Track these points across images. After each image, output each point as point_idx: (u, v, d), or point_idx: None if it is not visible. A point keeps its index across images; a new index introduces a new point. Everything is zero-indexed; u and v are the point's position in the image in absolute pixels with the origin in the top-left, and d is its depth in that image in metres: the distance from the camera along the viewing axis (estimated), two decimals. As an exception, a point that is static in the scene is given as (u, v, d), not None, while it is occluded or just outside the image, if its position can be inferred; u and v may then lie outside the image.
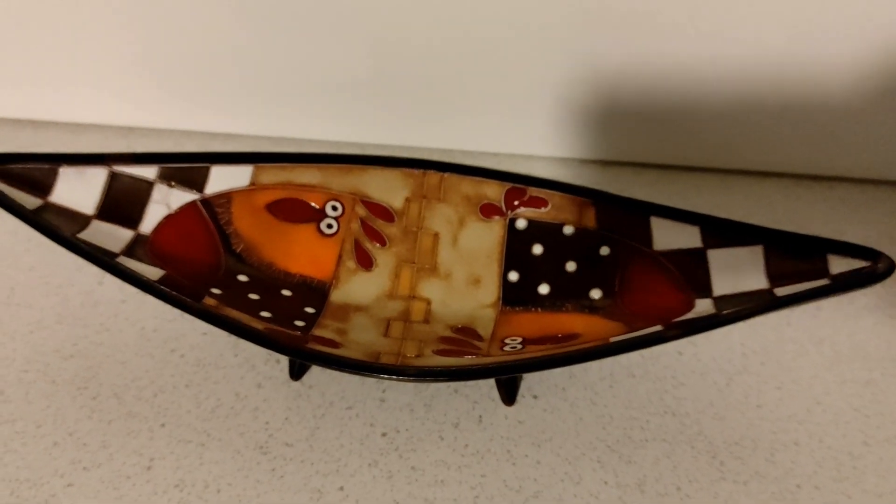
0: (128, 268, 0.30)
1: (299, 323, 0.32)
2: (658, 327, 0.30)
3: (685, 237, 0.33)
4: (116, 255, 0.32)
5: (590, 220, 0.35)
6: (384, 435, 0.32)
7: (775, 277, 0.31)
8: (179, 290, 0.30)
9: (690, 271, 0.33)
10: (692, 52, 0.40)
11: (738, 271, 0.32)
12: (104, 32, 0.42)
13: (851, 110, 0.42)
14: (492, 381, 0.34)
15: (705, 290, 0.32)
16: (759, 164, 0.45)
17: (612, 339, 0.30)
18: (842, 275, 0.30)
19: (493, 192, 0.36)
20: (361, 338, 0.32)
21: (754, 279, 0.32)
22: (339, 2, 0.40)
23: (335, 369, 0.29)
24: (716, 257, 0.33)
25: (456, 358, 0.31)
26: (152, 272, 0.31)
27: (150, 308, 0.36)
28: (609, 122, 0.44)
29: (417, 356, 0.31)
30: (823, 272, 0.30)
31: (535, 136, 0.45)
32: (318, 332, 0.32)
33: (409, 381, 0.31)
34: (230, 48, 0.42)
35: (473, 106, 0.44)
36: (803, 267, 0.31)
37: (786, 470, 0.31)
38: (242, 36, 0.42)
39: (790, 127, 0.43)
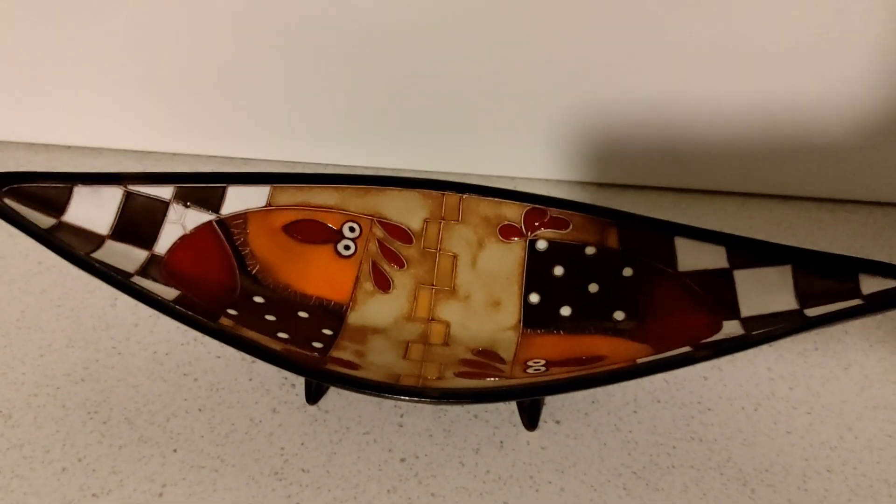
0: (142, 287, 0.30)
1: (317, 344, 0.31)
2: (687, 348, 0.29)
3: (711, 258, 0.33)
4: (131, 274, 0.31)
5: (612, 240, 0.34)
6: (403, 461, 0.31)
7: (805, 298, 0.30)
8: (194, 311, 0.30)
9: (717, 292, 0.32)
10: (703, 86, 0.40)
11: (766, 292, 0.31)
12: (121, 56, 0.42)
13: (869, 134, 0.41)
14: (513, 406, 0.33)
15: (733, 312, 0.31)
16: (779, 188, 0.44)
17: (640, 361, 0.29)
18: (875, 294, 0.29)
19: (513, 213, 0.35)
20: (380, 360, 0.31)
21: (783, 300, 0.31)
22: (356, 30, 0.40)
23: (355, 391, 0.28)
24: (743, 278, 0.32)
25: (479, 380, 0.30)
26: (167, 292, 0.31)
27: (163, 332, 0.35)
28: (626, 147, 0.43)
29: (438, 378, 0.30)
30: (855, 292, 0.30)
31: (551, 161, 0.44)
32: (336, 353, 0.31)
33: (432, 403, 0.30)
34: (248, 74, 0.42)
35: (489, 131, 0.44)
36: (834, 287, 0.30)
37: (819, 498, 0.30)
38: (262, 62, 0.42)
39: (808, 151, 0.42)
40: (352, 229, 0.35)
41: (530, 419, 0.32)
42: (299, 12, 0.40)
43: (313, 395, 0.33)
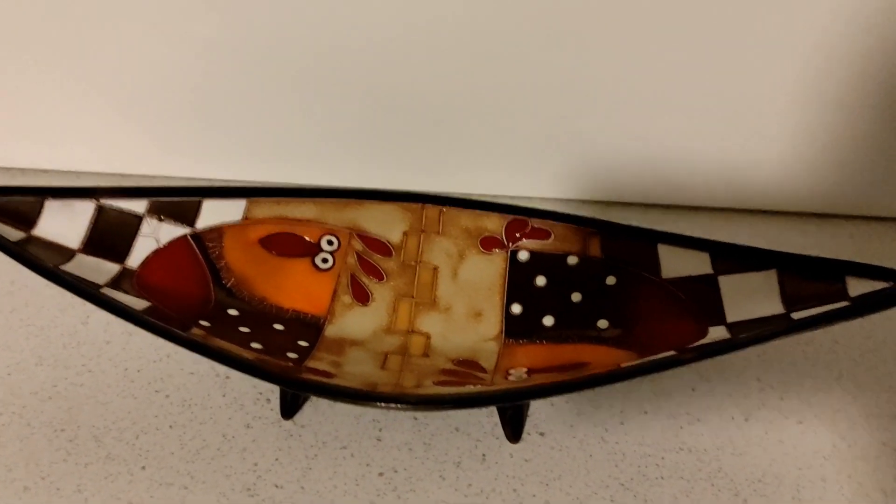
0: (111, 298, 0.29)
1: (292, 355, 0.30)
2: (671, 352, 0.28)
3: (695, 264, 0.32)
4: (100, 286, 0.30)
5: (595, 249, 0.34)
6: (381, 475, 0.29)
7: (792, 301, 0.30)
8: (166, 322, 0.29)
9: (702, 299, 0.31)
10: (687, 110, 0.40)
11: (752, 297, 0.31)
12: (97, 80, 0.42)
13: (858, 147, 0.41)
14: (495, 419, 0.32)
15: (718, 317, 0.31)
16: (765, 203, 0.44)
17: (624, 365, 0.28)
18: (862, 297, 0.28)
19: (494, 224, 0.35)
20: (357, 370, 0.30)
21: (770, 304, 0.30)
22: (335, 55, 0.40)
23: (330, 398, 0.27)
24: (728, 284, 0.32)
25: (458, 387, 0.29)
26: (137, 303, 0.30)
27: (136, 349, 0.34)
28: (609, 164, 0.43)
29: (416, 387, 0.29)
30: (843, 294, 0.29)
31: (533, 178, 0.44)
32: (311, 363, 0.30)
33: (409, 409, 0.29)
34: (225, 95, 0.42)
35: (470, 151, 0.44)
36: (821, 290, 0.29)
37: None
38: (240, 86, 0.42)
39: (795, 165, 0.42)
40: (330, 242, 0.35)
41: (513, 431, 0.31)
42: (274, 36, 0.40)
43: (288, 409, 0.31)
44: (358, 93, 0.41)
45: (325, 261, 0.35)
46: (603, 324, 0.32)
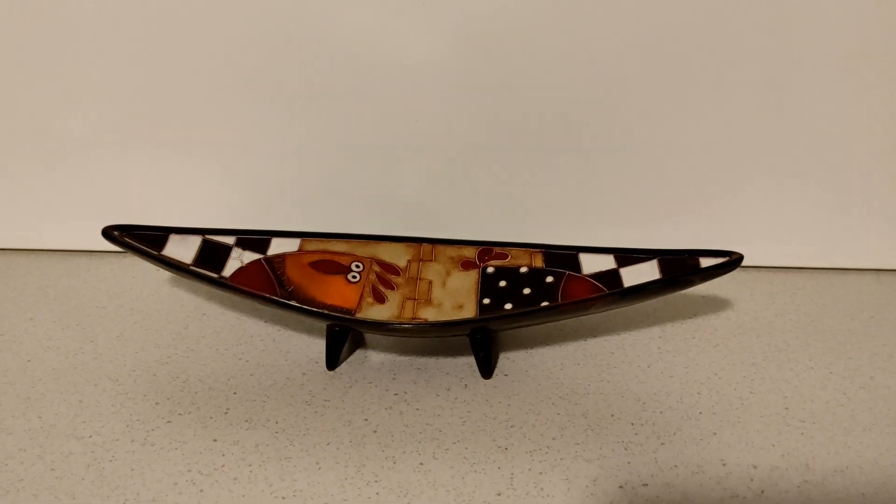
0: (226, 280, 0.45)
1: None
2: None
3: (604, 263, 0.48)
4: (215, 277, 0.46)
5: (539, 261, 0.50)
6: (396, 395, 0.43)
7: (666, 274, 0.46)
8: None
9: (609, 284, 0.47)
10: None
11: (641, 277, 0.46)
12: (208, 162, 0.59)
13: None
14: (474, 365, 0.46)
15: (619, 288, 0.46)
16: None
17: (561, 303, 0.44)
18: (709, 267, 0.44)
19: (470, 252, 0.51)
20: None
21: (651, 277, 0.46)
22: (367, 173, 0.58)
23: (367, 329, 0.42)
24: (626, 273, 0.47)
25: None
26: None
27: (221, 337, 0.49)
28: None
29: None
30: (697, 267, 0.45)
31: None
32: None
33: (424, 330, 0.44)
34: (293, 182, 0.59)
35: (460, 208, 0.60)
36: (684, 266, 0.45)
37: (691, 404, 0.42)
38: (300, 173, 0.59)
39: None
40: (357, 266, 0.51)
41: (486, 369, 0.45)
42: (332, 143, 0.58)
43: (332, 362, 0.46)
44: (380, 181, 0.59)
45: (354, 277, 0.50)
46: (544, 303, 0.48)
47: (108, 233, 0.47)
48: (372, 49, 0.54)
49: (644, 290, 0.44)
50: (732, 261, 0.44)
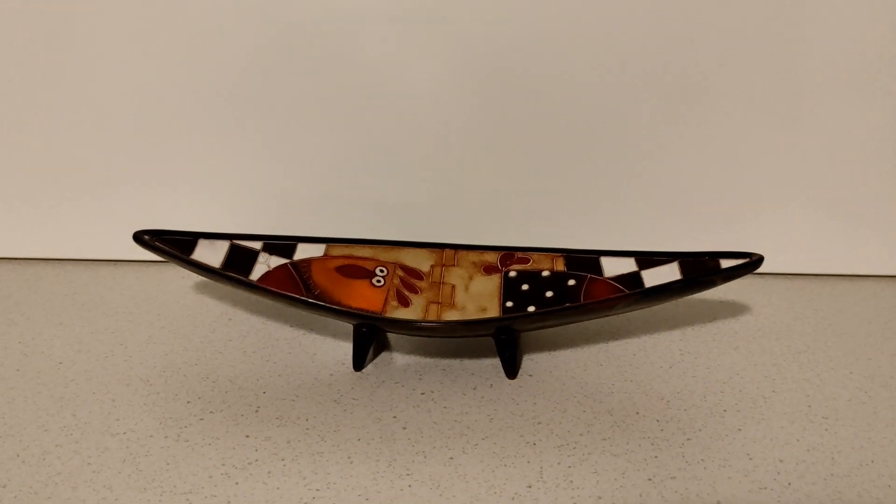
0: (254, 283, 0.46)
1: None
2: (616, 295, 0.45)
3: (625, 266, 0.49)
4: (244, 280, 0.47)
5: (560, 265, 0.50)
6: (423, 394, 0.44)
7: (687, 275, 0.46)
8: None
9: (631, 286, 0.48)
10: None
11: (663, 280, 0.47)
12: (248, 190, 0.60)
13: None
14: (499, 365, 0.46)
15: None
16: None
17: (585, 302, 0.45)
18: (729, 268, 0.45)
19: (492, 257, 0.52)
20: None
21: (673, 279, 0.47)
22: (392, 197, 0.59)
23: (394, 329, 0.43)
24: (648, 275, 0.48)
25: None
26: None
27: (247, 339, 0.50)
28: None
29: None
30: (718, 269, 0.46)
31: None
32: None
33: (442, 330, 0.45)
34: (322, 197, 0.60)
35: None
36: (705, 267, 0.46)
37: (714, 402, 0.43)
38: (327, 194, 0.60)
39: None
40: (381, 270, 0.52)
41: (511, 370, 0.46)
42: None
43: (359, 363, 0.46)
44: (402, 189, 0.60)
45: (378, 281, 0.51)
46: (567, 305, 0.48)
47: (140, 237, 0.48)
48: (395, 61, 0.56)
49: (667, 290, 0.45)
50: (753, 261, 0.44)
